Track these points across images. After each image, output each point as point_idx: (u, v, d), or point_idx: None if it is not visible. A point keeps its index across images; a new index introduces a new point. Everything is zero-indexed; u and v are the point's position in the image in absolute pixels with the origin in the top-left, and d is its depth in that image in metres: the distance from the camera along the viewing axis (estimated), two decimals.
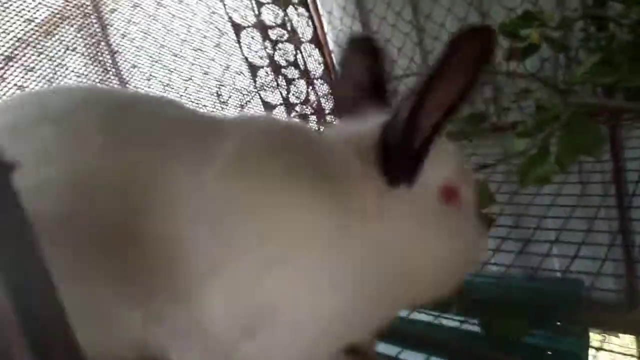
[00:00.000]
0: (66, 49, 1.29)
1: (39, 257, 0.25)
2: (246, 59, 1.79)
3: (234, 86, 1.71)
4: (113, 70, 1.42)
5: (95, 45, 1.37)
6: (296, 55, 1.90)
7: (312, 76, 1.88)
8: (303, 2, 1.88)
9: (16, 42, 1.20)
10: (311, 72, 1.88)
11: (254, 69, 1.80)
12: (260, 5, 1.78)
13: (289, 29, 1.89)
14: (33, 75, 1.20)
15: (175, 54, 1.50)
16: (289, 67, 1.89)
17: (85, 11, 1.31)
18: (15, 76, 1.18)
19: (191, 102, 1.57)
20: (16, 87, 1.18)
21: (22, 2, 1.21)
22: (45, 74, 1.23)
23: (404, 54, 1.74)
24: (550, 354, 0.97)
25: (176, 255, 0.47)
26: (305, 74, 1.87)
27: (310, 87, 1.87)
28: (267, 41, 1.84)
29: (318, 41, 1.95)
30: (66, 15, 1.30)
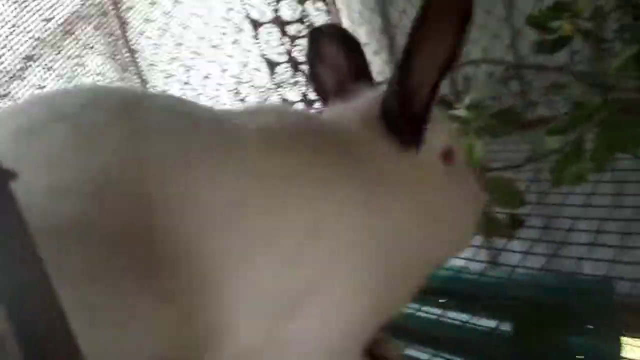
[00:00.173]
0: (84, 47, 1.28)
1: (38, 269, 0.24)
2: (264, 55, 1.76)
3: (252, 83, 1.69)
4: (131, 68, 1.41)
5: (113, 43, 1.37)
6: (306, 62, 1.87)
7: None
8: None
9: (35, 41, 1.20)
10: None
11: (272, 65, 1.78)
12: (278, 0, 1.75)
13: (307, 24, 1.86)
14: (52, 75, 1.20)
15: (193, 51, 1.49)
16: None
17: (103, 9, 1.30)
18: (35, 76, 1.18)
19: (209, 99, 1.55)
20: (36, 87, 1.17)
21: (40, 1, 1.20)
22: (64, 73, 1.22)
23: None
24: (581, 358, 0.94)
25: (200, 249, 0.46)
26: None
27: None
28: (285, 37, 1.81)
29: None
30: (84, 14, 1.29)
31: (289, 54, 1.81)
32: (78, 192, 0.43)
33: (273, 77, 1.77)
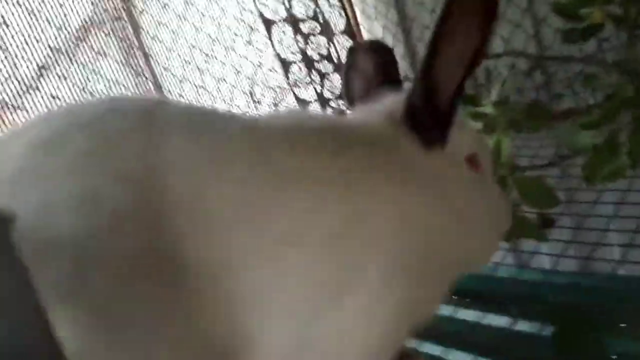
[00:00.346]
0: (98, 54, 1.27)
1: (41, 320, 0.21)
2: (278, 55, 1.74)
3: (266, 84, 1.66)
4: (146, 74, 1.40)
5: (126, 49, 1.36)
6: (329, 48, 1.83)
7: None
8: None
9: (49, 51, 1.19)
10: None
11: (286, 65, 1.75)
12: None
13: (320, 21, 1.82)
14: (66, 84, 1.19)
15: (207, 54, 1.47)
16: (322, 61, 1.82)
17: (115, 14, 1.29)
18: (49, 85, 1.17)
19: (224, 102, 1.53)
20: (50, 97, 1.17)
21: (53, 10, 1.20)
22: (78, 81, 1.22)
23: None
24: (615, 357, 0.92)
25: (229, 256, 0.44)
26: (339, 68, 1.81)
27: None
28: (298, 35, 1.78)
29: (352, 32, 1.87)
30: (97, 21, 1.28)
31: (303, 53, 1.78)
32: (105, 201, 0.42)
33: (288, 76, 1.74)
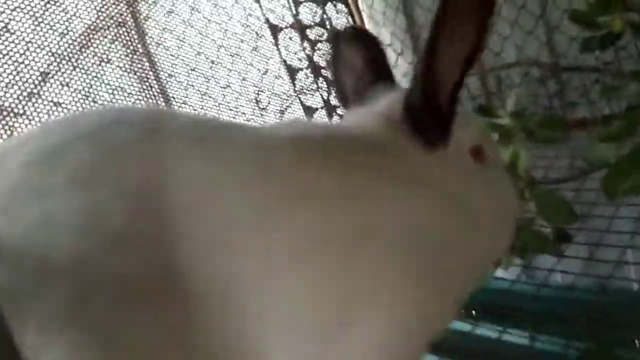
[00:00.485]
0: (101, 61, 1.25)
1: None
2: (284, 61, 1.71)
3: (272, 91, 1.64)
4: (150, 81, 1.37)
5: (131, 55, 1.33)
6: (328, 68, 1.80)
7: None
8: None
9: (51, 57, 1.17)
10: None
11: (292, 71, 1.72)
12: (297, 4, 1.70)
13: (328, 27, 1.79)
14: (68, 91, 1.17)
15: (213, 61, 1.44)
16: (329, 68, 1.80)
17: (119, 20, 1.26)
18: (51, 92, 1.15)
19: (230, 109, 1.50)
20: (52, 104, 1.14)
21: (56, 16, 1.17)
22: (81, 88, 1.19)
23: None
24: None
25: (237, 271, 0.42)
26: None
27: None
28: (305, 41, 1.75)
29: None
30: (100, 26, 1.26)
31: (309, 59, 1.75)
32: (108, 219, 0.40)
33: (294, 83, 1.71)
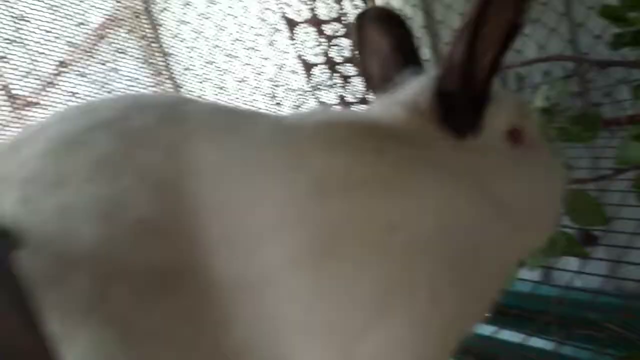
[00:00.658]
0: (118, 52, 1.24)
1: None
2: (300, 56, 1.69)
3: (288, 86, 1.62)
4: (165, 72, 1.36)
5: (147, 47, 1.32)
6: (353, 50, 1.78)
7: None
8: None
9: (69, 47, 1.16)
10: None
11: (308, 67, 1.70)
12: None
13: (344, 23, 1.77)
14: (85, 81, 1.16)
15: (229, 54, 1.43)
16: (345, 63, 1.77)
17: (135, 11, 1.25)
18: (68, 82, 1.14)
19: (245, 103, 1.49)
20: (69, 94, 1.13)
21: (74, 6, 1.17)
22: (97, 78, 1.18)
23: None
24: None
25: (261, 266, 0.41)
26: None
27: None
28: (321, 37, 1.73)
29: None
30: (117, 17, 1.25)
31: (326, 55, 1.73)
32: (129, 208, 0.39)
33: (310, 79, 1.69)
